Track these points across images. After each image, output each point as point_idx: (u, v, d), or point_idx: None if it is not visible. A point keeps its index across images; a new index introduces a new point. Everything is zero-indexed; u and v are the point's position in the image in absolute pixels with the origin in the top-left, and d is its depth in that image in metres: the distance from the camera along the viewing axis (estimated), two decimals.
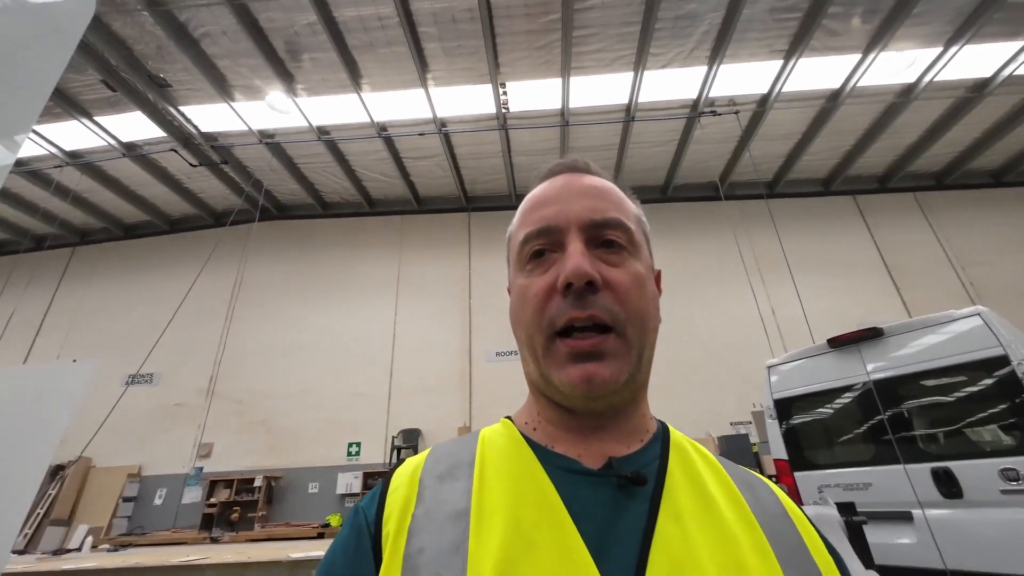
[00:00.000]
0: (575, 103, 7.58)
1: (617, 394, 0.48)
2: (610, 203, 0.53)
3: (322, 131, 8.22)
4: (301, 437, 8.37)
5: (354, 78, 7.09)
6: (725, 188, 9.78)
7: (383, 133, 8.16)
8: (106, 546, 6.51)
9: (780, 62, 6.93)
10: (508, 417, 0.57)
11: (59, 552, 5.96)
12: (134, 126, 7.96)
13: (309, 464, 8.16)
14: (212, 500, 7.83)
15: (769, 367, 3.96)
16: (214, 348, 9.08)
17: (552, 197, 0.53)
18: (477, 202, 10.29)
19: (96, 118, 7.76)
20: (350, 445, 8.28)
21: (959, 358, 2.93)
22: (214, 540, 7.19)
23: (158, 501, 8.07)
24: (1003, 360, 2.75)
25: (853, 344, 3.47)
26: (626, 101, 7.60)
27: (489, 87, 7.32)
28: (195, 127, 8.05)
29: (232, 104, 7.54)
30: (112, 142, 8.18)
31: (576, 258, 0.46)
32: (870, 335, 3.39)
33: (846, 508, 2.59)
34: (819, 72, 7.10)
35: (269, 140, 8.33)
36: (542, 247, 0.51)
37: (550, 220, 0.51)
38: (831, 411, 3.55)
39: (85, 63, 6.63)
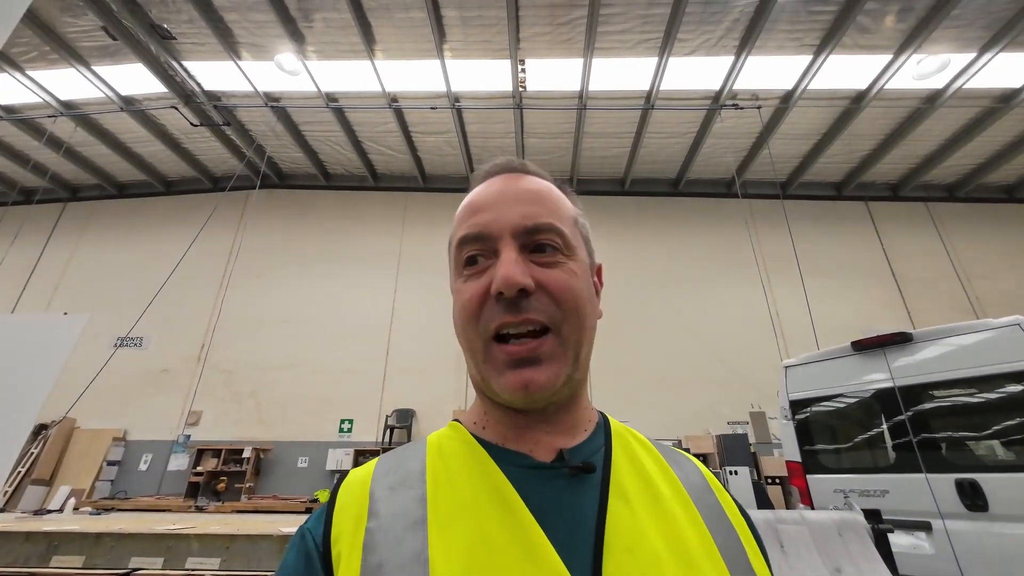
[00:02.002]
0: (595, 86, 7.35)
1: (556, 395, 0.48)
2: (545, 207, 0.52)
3: (330, 98, 7.93)
4: (292, 411, 8.22)
5: (368, 43, 6.80)
6: (737, 187, 9.63)
7: (394, 104, 7.88)
8: (88, 509, 6.37)
9: (809, 57, 6.73)
10: (456, 420, 0.57)
11: (40, 512, 5.80)
12: (134, 79, 7.62)
13: (299, 438, 8.03)
14: (199, 469, 7.68)
15: (787, 367, 3.84)
16: (207, 315, 8.85)
17: (487, 203, 0.53)
18: None
19: (94, 67, 7.42)
20: (342, 422, 8.15)
21: (994, 368, 2.82)
22: (199, 509, 7.07)
23: (143, 466, 7.92)
24: None
25: (878, 348, 3.36)
26: (647, 88, 7.37)
27: (507, 63, 7.06)
28: (198, 84, 7.73)
29: (238, 62, 7.22)
30: (110, 94, 7.84)
31: (507, 266, 0.47)
32: (898, 339, 3.27)
33: (872, 515, 2.49)
34: (847, 71, 6.92)
35: (275, 104, 8.03)
36: (476, 252, 0.51)
37: (483, 227, 0.51)
38: (850, 415, 3.45)
39: (84, 7, 6.29)
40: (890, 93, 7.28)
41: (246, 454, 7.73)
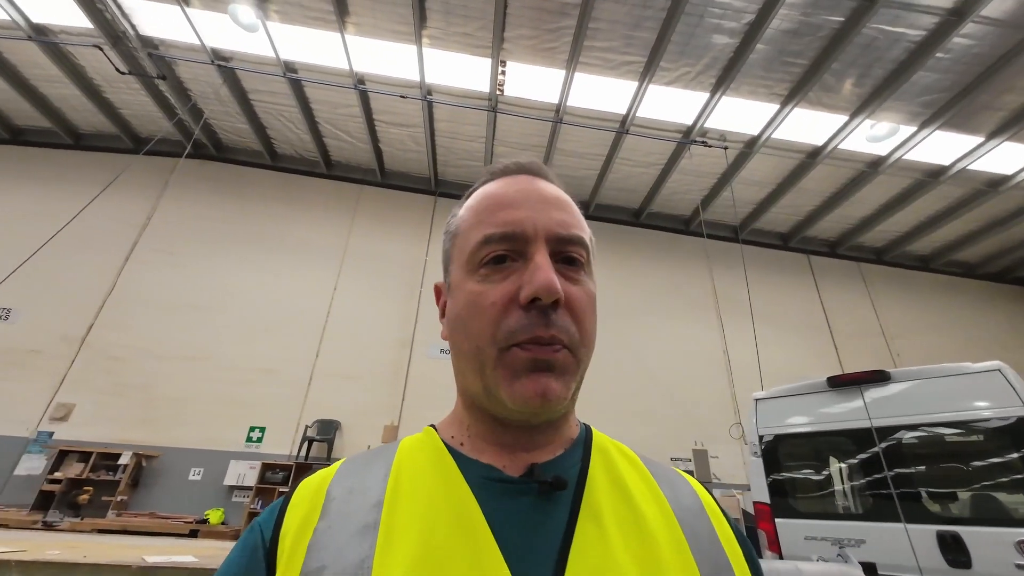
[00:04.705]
0: (573, 101, 7.22)
1: (557, 412, 0.48)
2: (575, 218, 0.52)
3: (289, 67, 7.21)
4: (191, 412, 7.02)
5: (340, 14, 6.25)
6: (695, 225, 9.86)
7: (360, 86, 7.30)
8: None
9: (776, 106, 7.02)
10: (432, 426, 0.55)
11: None
12: (51, 5, 6.52)
13: (195, 445, 6.84)
14: (57, 475, 6.27)
15: (757, 400, 3.62)
16: (100, 291, 7.50)
17: (517, 200, 0.50)
18: (445, 187, 9.58)
19: None
20: (252, 429, 7.06)
21: (975, 413, 2.71)
22: (48, 526, 5.70)
23: None
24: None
25: (854, 385, 3.21)
26: (624, 112, 7.35)
27: (487, 62, 6.77)
28: (132, 26, 6.74)
29: (185, 8, 6.37)
30: (16, 18, 6.64)
31: (547, 272, 0.45)
32: (875, 378, 3.14)
33: (868, 569, 2.19)
34: (808, 126, 7.28)
35: (223, 63, 7.17)
36: (504, 252, 0.48)
37: (516, 226, 0.48)
38: (823, 455, 3.24)
39: None
40: (841, 153, 7.75)
41: (123, 460, 6.43)
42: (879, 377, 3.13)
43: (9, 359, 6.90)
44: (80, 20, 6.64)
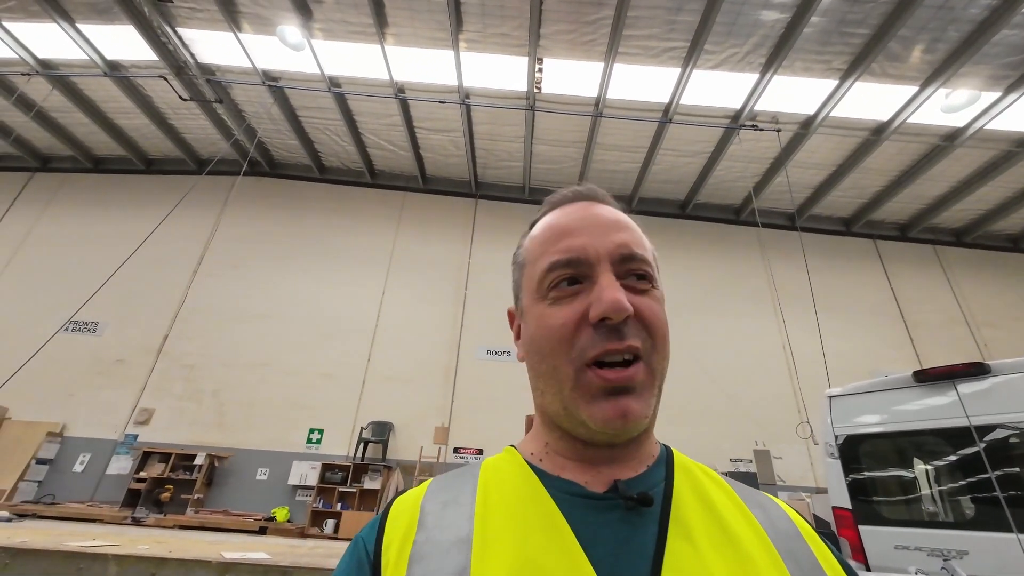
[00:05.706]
0: (613, 94, 7.05)
1: (641, 429, 0.48)
2: (634, 237, 0.53)
3: (333, 82, 7.48)
4: (256, 415, 7.43)
5: (379, 25, 6.41)
6: (747, 214, 9.39)
7: (400, 95, 7.46)
8: (3, 513, 5.49)
9: (835, 82, 6.55)
10: (512, 446, 0.57)
11: None
12: (122, 42, 7.10)
13: (261, 447, 7.22)
14: (142, 474, 6.81)
15: (831, 397, 3.36)
16: (173, 303, 8.09)
17: (577, 227, 0.53)
18: (486, 189, 9.64)
19: (79, 25, 6.88)
20: (311, 431, 7.38)
21: None
22: (136, 521, 6.20)
23: (78, 467, 7.00)
24: None
25: (947, 379, 2.90)
26: (667, 100, 7.10)
27: (524, 60, 6.73)
28: (192, 55, 7.22)
29: (238, 34, 6.75)
30: (94, 56, 7.28)
31: (614, 291, 0.46)
32: (972, 371, 2.83)
33: None
34: (871, 100, 6.74)
35: (273, 83, 7.54)
36: (572, 276, 0.50)
37: (579, 251, 0.50)
38: (910, 456, 2.96)
39: None
40: (911, 127, 7.12)
41: (199, 461, 6.90)
42: (977, 370, 2.81)
43: (98, 368, 7.57)
44: (147, 53, 7.18)
